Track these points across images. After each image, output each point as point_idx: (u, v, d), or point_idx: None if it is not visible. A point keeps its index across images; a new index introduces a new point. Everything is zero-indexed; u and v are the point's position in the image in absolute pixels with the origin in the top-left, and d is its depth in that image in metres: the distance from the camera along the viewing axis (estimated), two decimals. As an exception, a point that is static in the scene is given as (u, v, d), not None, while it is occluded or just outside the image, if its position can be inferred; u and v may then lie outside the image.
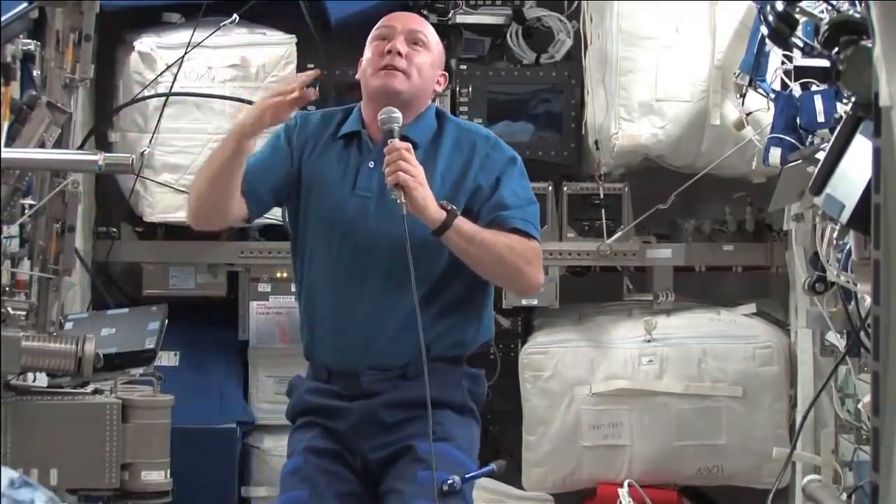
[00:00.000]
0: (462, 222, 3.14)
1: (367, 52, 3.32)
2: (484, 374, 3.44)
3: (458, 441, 3.25)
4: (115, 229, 4.91)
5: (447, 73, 3.41)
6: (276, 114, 3.20)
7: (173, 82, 4.56)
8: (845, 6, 3.13)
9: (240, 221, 3.49)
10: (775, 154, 3.74)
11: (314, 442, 3.29)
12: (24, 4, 3.34)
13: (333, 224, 3.27)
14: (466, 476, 3.12)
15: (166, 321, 3.84)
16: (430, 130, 3.32)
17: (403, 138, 3.20)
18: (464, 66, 4.87)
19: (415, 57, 3.26)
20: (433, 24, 4.66)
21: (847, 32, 2.87)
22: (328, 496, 3.24)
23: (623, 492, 4.27)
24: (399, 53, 3.24)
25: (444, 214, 3.11)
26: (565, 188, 4.81)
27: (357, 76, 3.36)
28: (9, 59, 3.40)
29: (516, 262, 3.20)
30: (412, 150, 3.13)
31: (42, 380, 3.56)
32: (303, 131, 3.37)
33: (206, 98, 4.62)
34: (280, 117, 3.22)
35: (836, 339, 3.88)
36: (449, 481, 3.08)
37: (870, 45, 2.32)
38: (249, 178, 3.29)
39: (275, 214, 4.65)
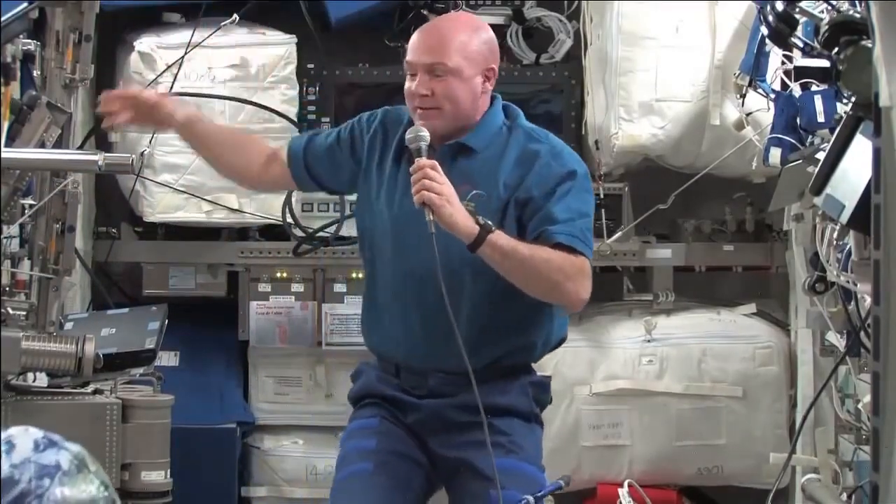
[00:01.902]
0: (497, 237, 3.09)
1: (406, 81, 3.27)
2: (550, 379, 3.45)
3: (526, 452, 3.25)
4: (115, 229, 4.91)
5: (494, 67, 3.30)
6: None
7: (173, 82, 4.56)
8: (845, 6, 3.13)
9: (288, 185, 3.65)
10: (775, 154, 3.74)
11: (386, 415, 3.31)
12: (24, 4, 3.35)
13: (395, 233, 3.27)
14: (538, 494, 3.09)
15: (166, 321, 3.84)
16: (492, 135, 3.27)
17: (464, 147, 3.22)
18: (464, 66, 4.87)
19: (439, 88, 3.20)
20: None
21: (847, 32, 2.87)
22: (392, 451, 3.26)
23: (623, 492, 4.25)
24: (423, 95, 3.21)
25: (476, 230, 3.07)
26: (565, 188, 4.80)
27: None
28: (9, 59, 3.40)
29: (554, 278, 3.14)
30: (438, 168, 3.09)
31: (42, 380, 3.56)
32: (375, 131, 3.36)
33: (206, 98, 4.62)
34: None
35: (836, 339, 3.88)
36: (523, 501, 3.02)
37: (870, 45, 2.32)
38: (304, 153, 3.42)
39: (274, 215, 4.69)
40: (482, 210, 3.14)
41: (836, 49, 2.90)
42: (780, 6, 3.45)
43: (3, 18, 3.27)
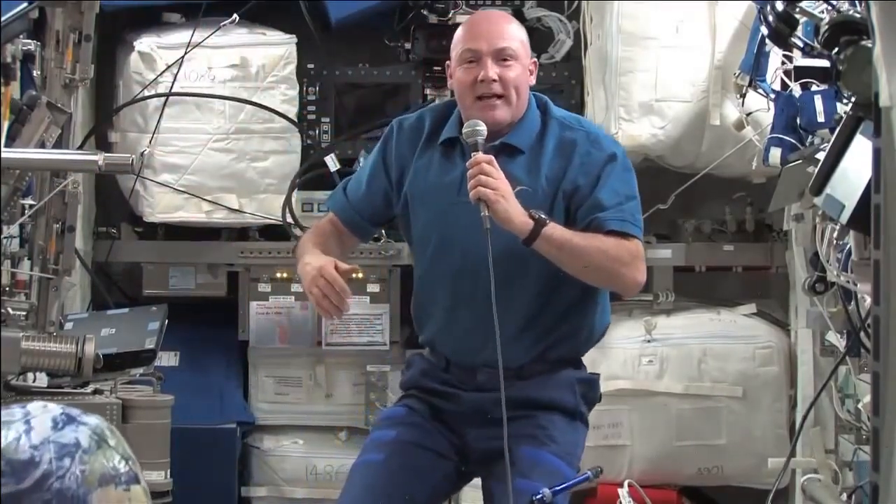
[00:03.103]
0: (552, 229, 3.09)
1: (458, 72, 3.25)
2: (598, 377, 3.45)
3: (560, 447, 3.24)
4: (115, 229, 4.91)
5: (536, 62, 3.34)
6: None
7: (173, 82, 4.56)
8: (845, 6, 3.12)
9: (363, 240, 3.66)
10: (775, 154, 3.74)
11: (419, 408, 3.32)
12: (24, 4, 3.35)
13: (443, 229, 3.27)
14: (557, 487, 3.09)
15: (166, 321, 3.84)
16: (533, 132, 3.27)
17: (510, 147, 3.21)
18: (464, 66, 4.86)
19: (508, 74, 3.21)
20: (433, 25, 4.74)
21: (847, 32, 2.86)
22: (413, 442, 3.27)
23: (623, 492, 4.26)
24: (493, 80, 3.19)
25: (530, 224, 3.07)
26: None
27: (449, 85, 3.33)
28: (9, 59, 3.40)
29: (610, 266, 3.15)
30: (494, 163, 3.09)
31: (42, 380, 3.56)
32: (400, 140, 3.36)
33: (206, 98, 4.62)
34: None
35: (836, 339, 3.88)
36: (539, 495, 3.03)
37: (870, 45, 2.32)
38: (351, 214, 3.41)
39: (274, 214, 4.69)
40: (528, 206, 3.12)
41: (836, 49, 2.90)
42: (780, 6, 3.45)
43: (3, 18, 3.27)
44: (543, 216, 3.09)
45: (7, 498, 1.54)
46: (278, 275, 4.84)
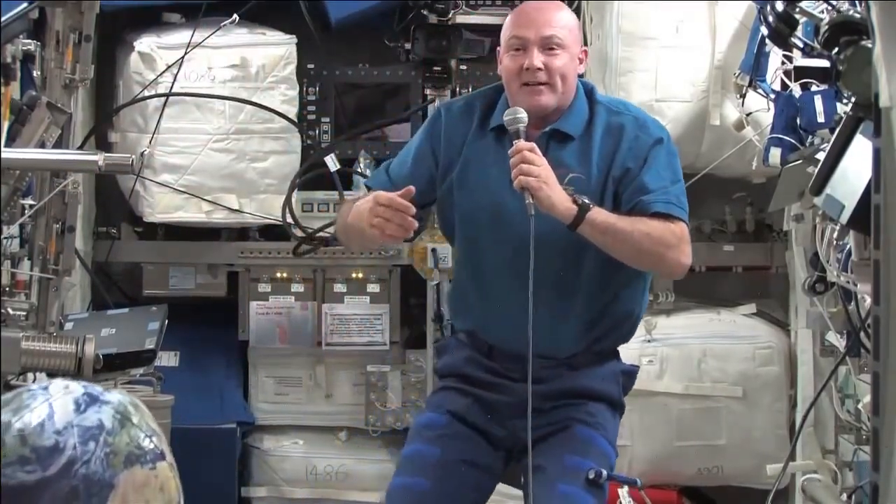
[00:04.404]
0: (596, 214, 3.07)
1: (505, 59, 3.24)
2: (638, 369, 3.46)
3: (608, 432, 3.27)
4: (115, 229, 4.91)
5: (586, 50, 3.33)
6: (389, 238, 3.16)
7: (173, 82, 4.56)
8: (845, 6, 3.12)
9: None
10: (775, 154, 3.74)
11: (461, 408, 3.29)
12: (24, 4, 3.34)
13: (494, 218, 3.24)
14: (611, 474, 3.10)
15: (166, 321, 3.84)
16: (582, 119, 3.26)
17: (560, 134, 3.21)
18: (464, 66, 4.87)
19: (553, 63, 3.19)
20: (433, 25, 4.74)
21: (847, 32, 2.86)
22: (455, 461, 3.23)
23: (623, 492, 4.27)
24: (538, 68, 3.18)
25: (574, 209, 3.06)
26: (565, 188, 4.80)
27: (498, 71, 3.30)
28: (9, 59, 3.40)
29: (655, 249, 3.14)
30: (536, 150, 3.08)
31: (42, 380, 3.56)
32: (448, 126, 3.33)
33: (206, 98, 4.62)
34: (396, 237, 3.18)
35: (836, 339, 3.88)
36: (595, 470, 3.05)
37: (870, 45, 2.32)
38: (391, 184, 3.31)
39: (274, 215, 4.69)
40: (581, 192, 3.12)
41: (836, 49, 2.89)
42: (780, 6, 3.45)
43: (3, 18, 3.27)
44: (587, 201, 3.08)
45: (35, 485, 1.52)
46: (278, 275, 4.84)
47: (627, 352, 4.62)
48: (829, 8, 3.21)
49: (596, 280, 3.22)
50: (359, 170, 4.79)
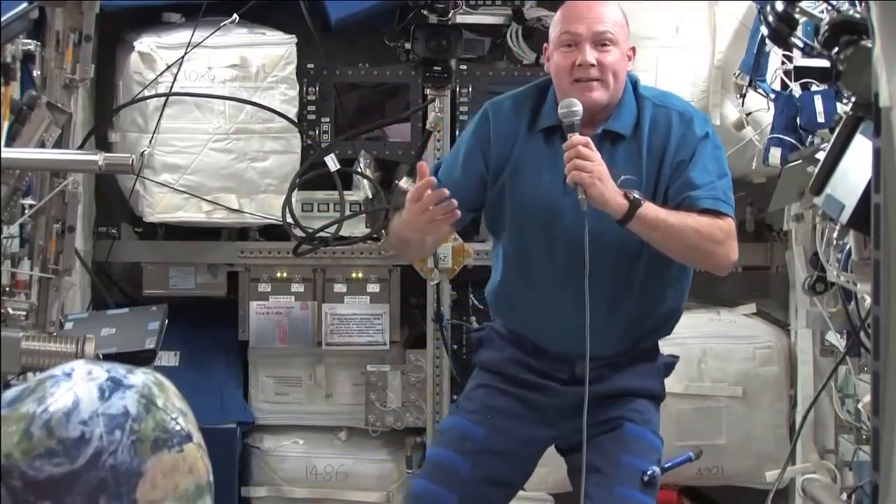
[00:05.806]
0: (647, 209, 3.08)
1: (556, 56, 3.24)
2: (678, 359, 3.48)
3: (655, 427, 3.30)
4: (115, 229, 4.91)
5: (634, 48, 3.33)
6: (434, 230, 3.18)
7: (173, 82, 4.56)
8: (845, 6, 3.13)
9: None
10: (775, 154, 3.74)
11: (486, 442, 3.28)
12: (24, 4, 3.34)
13: (547, 216, 3.24)
14: (665, 466, 3.11)
15: (166, 321, 3.84)
16: (632, 116, 3.27)
17: (612, 135, 3.21)
18: (464, 66, 4.87)
19: (606, 59, 3.20)
20: (433, 25, 4.73)
21: (847, 32, 2.86)
22: (486, 481, 3.24)
23: (623, 492, 4.25)
24: (591, 65, 3.19)
25: (626, 205, 3.06)
26: (565, 188, 4.80)
27: (546, 68, 3.31)
28: (9, 59, 3.39)
29: (703, 245, 3.16)
30: (591, 145, 3.08)
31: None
32: (497, 127, 3.32)
33: (206, 98, 4.62)
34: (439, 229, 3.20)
35: (836, 339, 3.88)
36: (650, 472, 3.05)
37: (870, 45, 2.32)
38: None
39: (274, 215, 4.69)
40: (633, 191, 3.12)
41: (836, 49, 2.90)
42: (780, 6, 3.44)
43: (3, 18, 3.26)
44: (638, 196, 3.09)
45: (63, 478, 1.49)
46: (278, 275, 4.84)
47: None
48: (829, 8, 3.21)
49: (647, 279, 3.24)
50: (359, 170, 4.79)
